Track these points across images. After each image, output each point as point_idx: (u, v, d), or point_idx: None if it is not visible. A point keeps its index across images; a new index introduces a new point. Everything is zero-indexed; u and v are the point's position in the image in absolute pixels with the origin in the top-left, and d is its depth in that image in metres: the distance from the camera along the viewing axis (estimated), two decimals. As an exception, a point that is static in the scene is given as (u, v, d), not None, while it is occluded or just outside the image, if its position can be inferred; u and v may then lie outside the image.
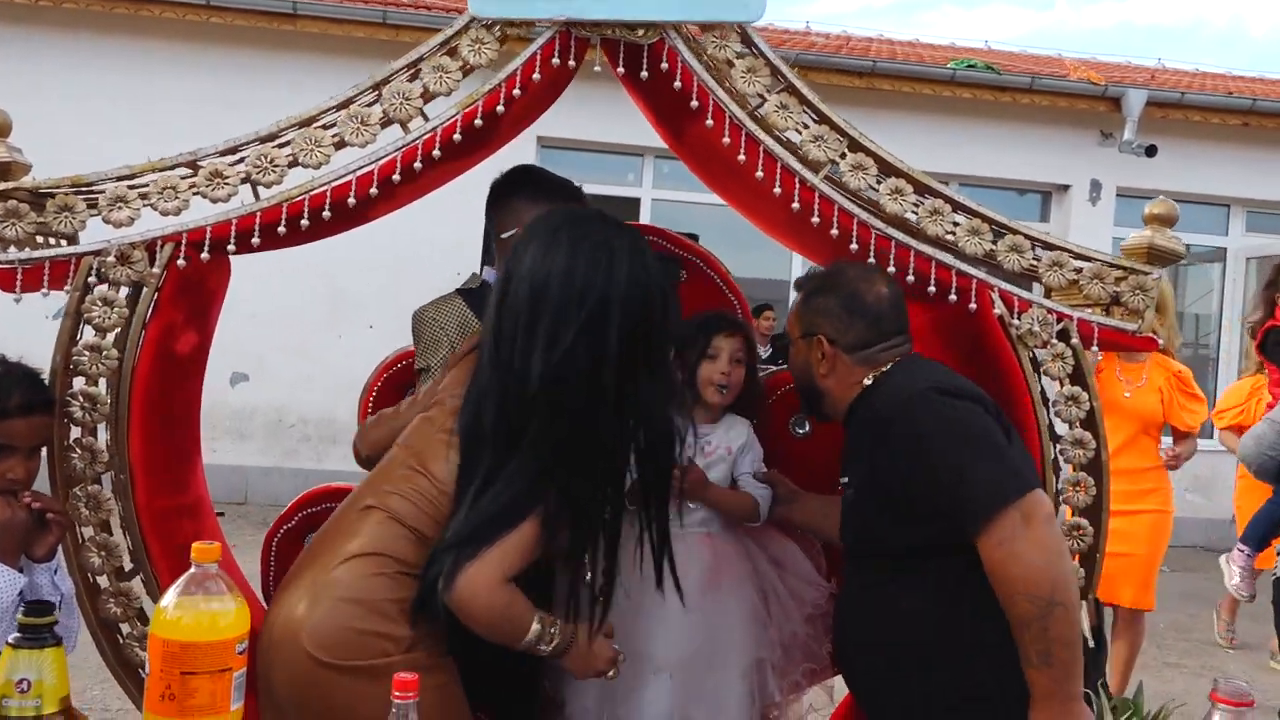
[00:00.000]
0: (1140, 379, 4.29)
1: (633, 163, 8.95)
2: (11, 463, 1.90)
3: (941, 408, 1.84)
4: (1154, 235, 2.12)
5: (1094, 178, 9.20)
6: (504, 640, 1.78)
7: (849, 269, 2.07)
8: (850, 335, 2.01)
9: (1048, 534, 1.70)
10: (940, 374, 1.96)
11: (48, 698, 1.01)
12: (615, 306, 1.73)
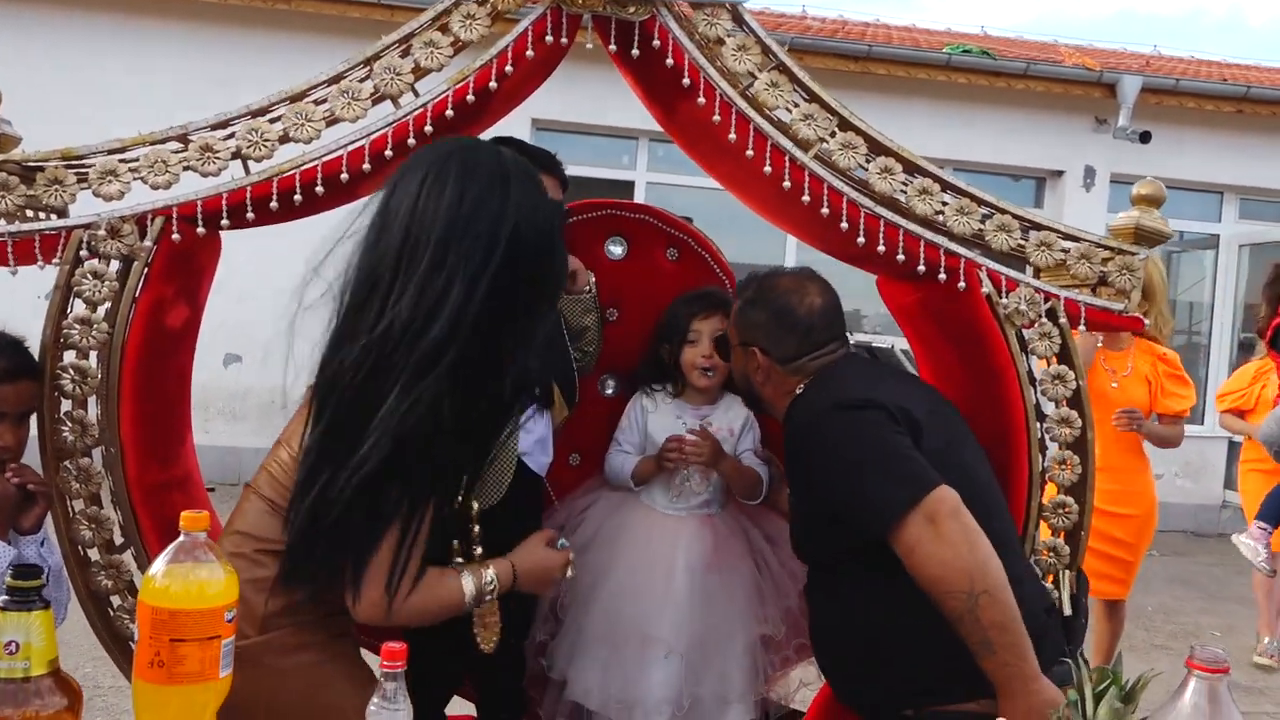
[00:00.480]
0: (1126, 368, 4.15)
1: (627, 145, 8.93)
2: (0, 429, 1.90)
3: (835, 426, 1.86)
4: (1141, 216, 2.13)
5: (1088, 164, 9.20)
6: (448, 616, 1.71)
7: (782, 279, 2.11)
8: (782, 348, 2.05)
9: (954, 528, 1.69)
10: (847, 385, 1.96)
11: (36, 660, 1.02)
12: (505, 245, 1.52)
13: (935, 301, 2.25)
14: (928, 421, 1.87)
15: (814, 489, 1.93)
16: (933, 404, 1.98)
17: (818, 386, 2.01)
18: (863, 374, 2.03)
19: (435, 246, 1.50)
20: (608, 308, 2.62)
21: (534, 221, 1.56)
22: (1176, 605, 6.39)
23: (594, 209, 2.60)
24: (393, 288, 1.51)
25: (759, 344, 2.07)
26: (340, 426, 1.53)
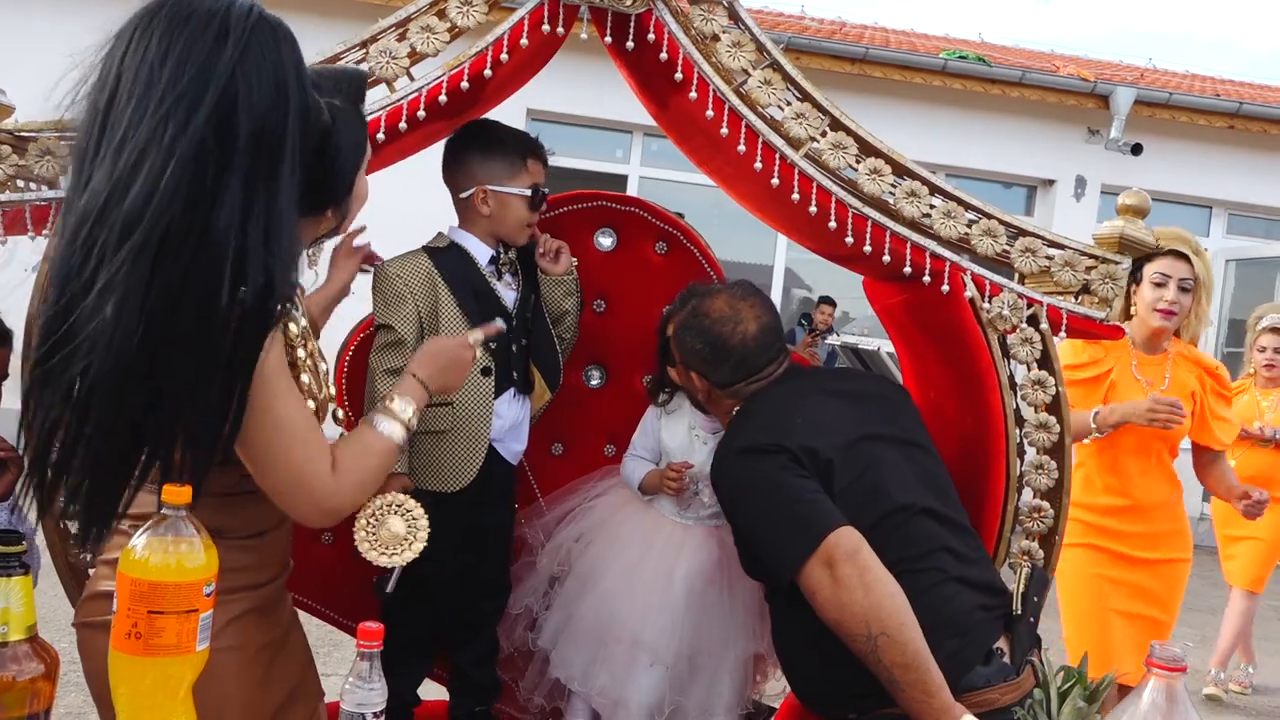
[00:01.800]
0: (1163, 379, 3.31)
1: (621, 139, 8.94)
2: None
3: (739, 472, 1.92)
4: (1125, 225, 2.15)
5: (1079, 173, 9.26)
6: (388, 470, 1.58)
7: (716, 302, 2.11)
8: (718, 375, 2.10)
9: (850, 572, 1.71)
10: (761, 424, 1.96)
11: (14, 625, 1.03)
12: (214, 102, 1.25)
13: (919, 304, 2.26)
14: (842, 459, 1.88)
15: (733, 525, 2.00)
16: (863, 428, 1.97)
17: (740, 419, 2.06)
18: (787, 403, 2.01)
19: (135, 105, 1.25)
20: (595, 299, 2.63)
21: (258, 76, 1.30)
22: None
23: (584, 200, 2.61)
24: (96, 157, 1.26)
25: (695, 369, 2.12)
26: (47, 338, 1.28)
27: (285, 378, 1.46)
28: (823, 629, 1.78)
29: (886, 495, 1.89)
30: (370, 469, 1.55)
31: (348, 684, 1.46)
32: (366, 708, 1.44)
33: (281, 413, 1.43)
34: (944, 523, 1.95)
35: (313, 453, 1.47)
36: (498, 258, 2.33)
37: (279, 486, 1.47)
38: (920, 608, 1.74)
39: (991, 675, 1.79)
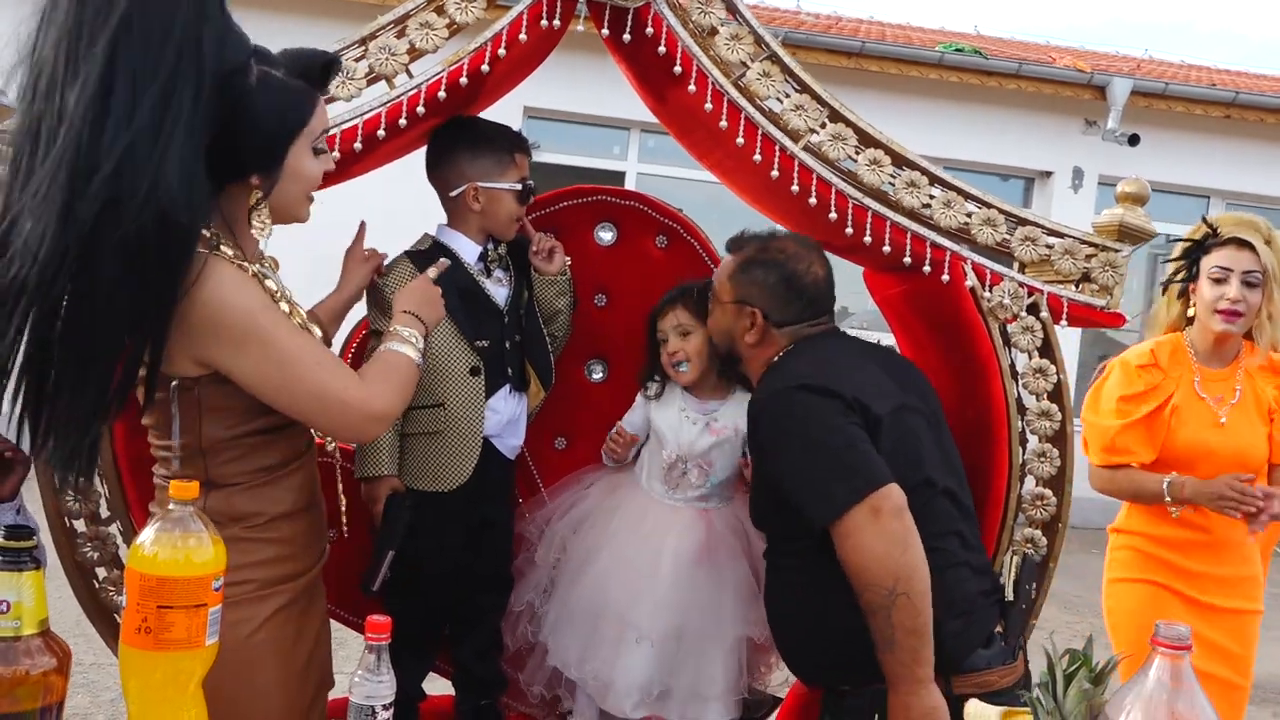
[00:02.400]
0: (1233, 394, 2.76)
1: (619, 136, 8.95)
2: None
3: (793, 408, 1.86)
4: (1125, 213, 2.16)
5: (1076, 165, 9.26)
6: (413, 381, 1.69)
7: (789, 243, 2.07)
8: (785, 313, 2.03)
9: (894, 527, 1.73)
10: (819, 367, 1.94)
11: (27, 619, 1.04)
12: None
13: (920, 294, 2.27)
14: (890, 421, 1.88)
15: (766, 462, 1.96)
16: (904, 398, 1.96)
17: (794, 357, 2.00)
18: (839, 356, 2.00)
19: (55, 41, 1.36)
20: (596, 293, 2.64)
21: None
22: (1153, 604, 6.43)
23: (584, 195, 2.61)
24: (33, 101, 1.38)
25: (759, 305, 2.02)
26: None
27: (274, 315, 1.52)
28: (828, 592, 1.79)
29: (920, 468, 1.89)
30: (399, 380, 1.65)
31: (357, 677, 1.47)
32: (376, 700, 1.44)
33: (284, 346, 1.51)
34: (959, 506, 1.96)
35: (333, 370, 1.56)
36: (485, 254, 2.33)
37: (313, 411, 1.55)
38: (933, 585, 1.75)
39: (992, 658, 1.84)
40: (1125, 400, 2.75)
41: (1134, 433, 2.74)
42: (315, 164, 1.62)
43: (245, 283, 1.51)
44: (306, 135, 1.58)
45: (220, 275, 1.48)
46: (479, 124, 2.32)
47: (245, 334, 1.49)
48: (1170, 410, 2.74)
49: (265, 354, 1.50)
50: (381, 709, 1.46)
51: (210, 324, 1.48)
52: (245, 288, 1.51)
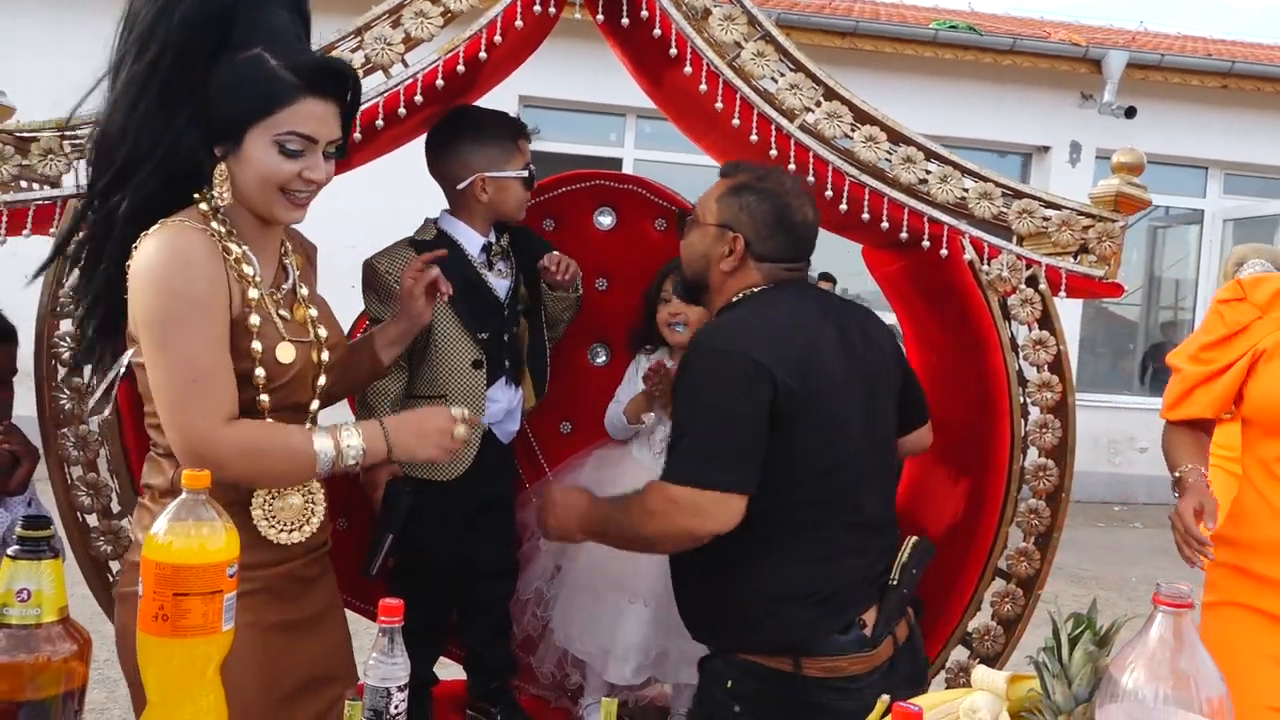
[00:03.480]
0: None
1: (615, 123, 8.94)
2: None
3: (702, 367, 1.84)
4: (1121, 184, 2.17)
5: (1074, 139, 9.25)
6: (294, 474, 1.61)
7: (786, 178, 1.99)
8: (767, 246, 1.94)
9: (698, 533, 1.77)
10: (759, 326, 1.86)
11: (47, 607, 1.06)
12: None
13: (918, 269, 2.28)
14: (816, 396, 1.81)
15: (674, 405, 1.95)
16: (848, 369, 1.88)
17: (745, 307, 1.93)
18: (792, 315, 1.90)
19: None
20: (597, 278, 2.65)
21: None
22: (1160, 575, 6.46)
23: (583, 180, 2.62)
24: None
25: (743, 231, 1.93)
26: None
27: (200, 315, 1.53)
28: (708, 553, 1.81)
29: (830, 452, 1.84)
30: (271, 455, 1.57)
31: (371, 660, 1.49)
32: (390, 682, 1.46)
33: (177, 344, 1.51)
34: (872, 494, 1.92)
35: (202, 393, 1.52)
36: (489, 246, 2.33)
37: (161, 410, 1.54)
38: (801, 571, 1.81)
39: (846, 645, 1.81)
40: (1206, 348, 2.22)
41: (1205, 391, 2.21)
42: (274, 160, 1.58)
43: (172, 253, 1.52)
44: (267, 125, 1.56)
45: (154, 242, 1.53)
46: (479, 114, 2.32)
47: (145, 311, 1.52)
48: (1258, 356, 2.12)
49: (150, 337, 1.52)
50: (396, 690, 1.48)
51: (131, 287, 1.54)
52: (160, 261, 1.52)
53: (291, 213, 1.64)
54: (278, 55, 1.57)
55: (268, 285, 1.67)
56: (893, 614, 1.87)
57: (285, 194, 1.61)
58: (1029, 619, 2.28)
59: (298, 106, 1.57)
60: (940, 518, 2.43)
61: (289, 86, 1.56)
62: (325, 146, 1.62)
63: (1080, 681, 1.26)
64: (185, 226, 1.55)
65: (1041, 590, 2.26)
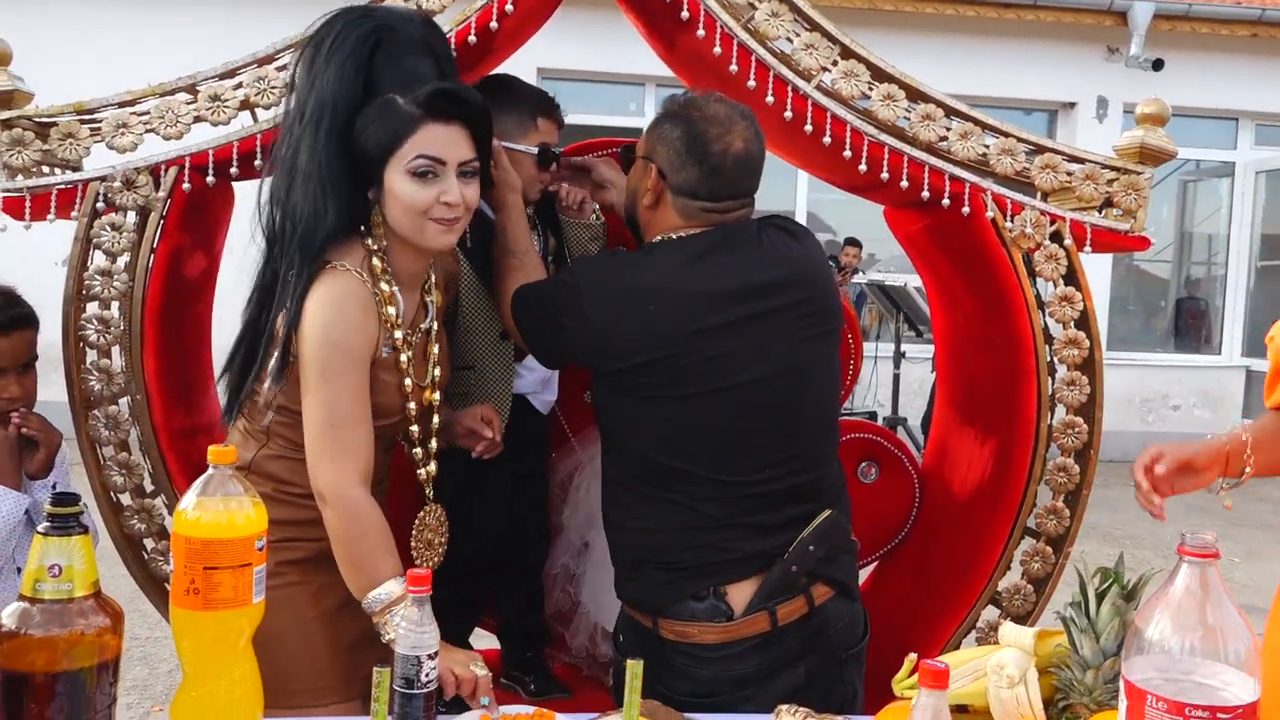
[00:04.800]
0: None
1: (634, 92, 8.90)
2: (4, 382, 1.93)
3: (559, 293, 1.88)
4: (1146, 135, 2.13)
5: (1100, 94, 9.11)
6: (350, 574, 1.69)
7: (716, 106, 1.83)
8: (680, 177, 1.81)
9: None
10: (618, 299, 1.79)
11: (79, 582, 1.07)
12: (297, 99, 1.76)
13: (941, 228, 2.26)
14: (676, 368, 1.75)
15: None
16: (729, 316, 1.76)
17: (628, 259, 1.89)
18: (650, 286, 1.79)
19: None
20: (618, 246, 2.64)
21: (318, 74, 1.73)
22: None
23: (604, 148, 2.61)
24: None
25: (659, 162, 1.83)
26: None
27: (349, 368, 1.68)
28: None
29: (708, 425, 1.78)
30: (360, 546, 1.69)
31: (401, 629, 1.51)
32: (421, 650, 1.48)
33: (326, 388, 1.67)
34: (768, 467, 1.80)
35: (338, 438, 1.67)
36: None
37: (306, 442, 1.68)
38: (660, 538, 1.81)
39: (698, 612, 1.78)
40: None
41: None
42: (410, 187, 1.69)
43: (337, 309, 1.67)
44: (399, 157, 1.69)
45: (319, 292, 1.68)
46: (509, 83, 2.28)
47: (309, 352, 1.67)
48: None
49: (307, 377, 1.68)
50: (426, 659, 1.50)
51: (301, 325, 1.68)
52: (326, 311, 1.67)
53: (442, 238, 1.74)
54: (404, 94, 1.69)
55: (408, 325, 1.80)
56: (774, 590, 1.77)
57: (433, 220, 1.71)
58: (1059, 577, 2.27)
59: (421, 134, 1.69)
60: (968, 478, 2.42)
61: (411, 118, 1.69)
62: (459, 168, 1.71)
63: (1108, 635, 1.26)
64: (348, 275, 1.70)
65: (1071, 548, 2.25)
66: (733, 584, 1.78)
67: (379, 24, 1.76)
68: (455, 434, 2.08)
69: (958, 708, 1.25)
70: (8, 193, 1.96)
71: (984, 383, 2.38)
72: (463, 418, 2.06)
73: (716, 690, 1.76)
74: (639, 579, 1.86)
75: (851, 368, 2.53)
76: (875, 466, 2.58)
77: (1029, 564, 2.26)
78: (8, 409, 1.93)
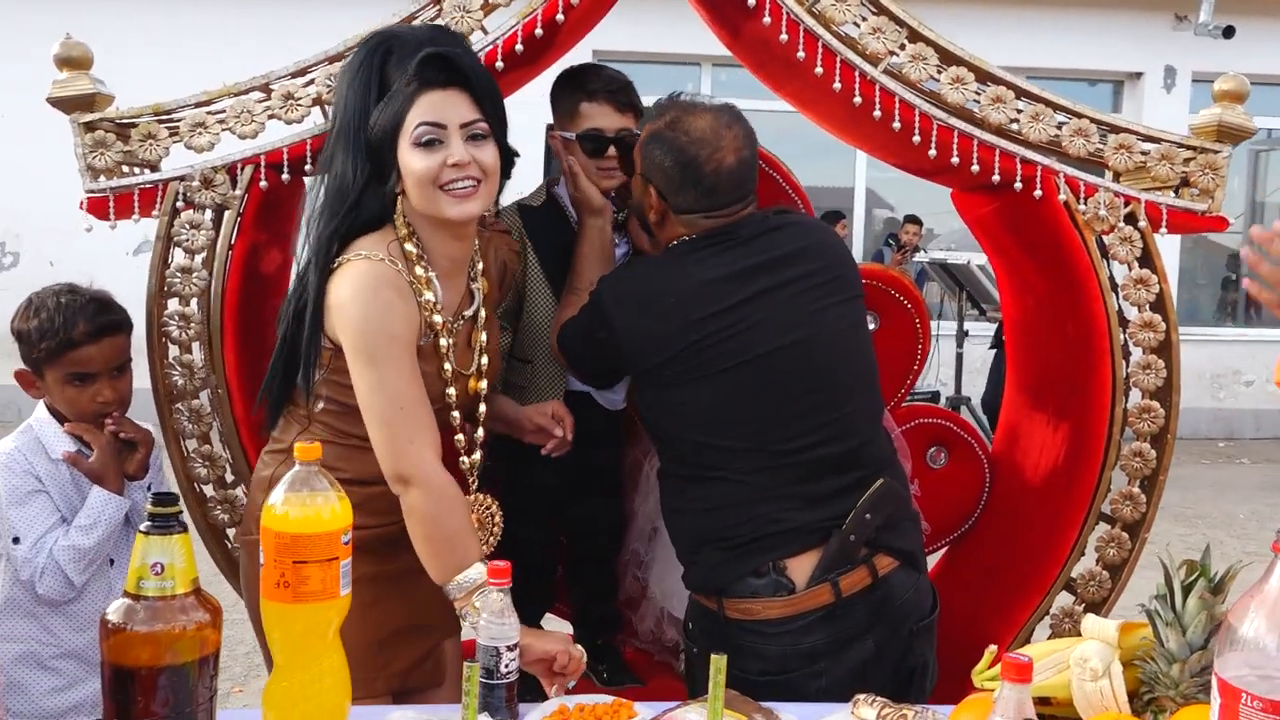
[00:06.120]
0: None
1: (691, 72, 8.86)
2: (98, 387, 1.99)
3: (590, 314, 1.97)
4: (1223, 112, 2.08)
5: (1168, 63, 8.89)
6: (433, 560, 1.70)
7: (698, 120, 1.88)
8: (681, 200, 1.89)
9: None
10: (645, 292, 1.89)
11: (179, 579, 1.11)
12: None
13: (1011, 211, 2.23)
14: (705, 353, 1.82)
15: None
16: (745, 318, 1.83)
17: (647, 264, 2.04)
18: (687, 279, 1.87)
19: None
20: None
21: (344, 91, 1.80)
22: (1270, 512, 6.31)
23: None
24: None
25: (655, 184, 1.91)
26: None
27: (397, 350, 1.68)
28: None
29: (743, 403, 1.83)
30: (446, 523, 1.70)
31: (482, 620, 1.54)
32: (500, 641, 1.51)
33: (383, 376, 1.67)
34: (811, 435, 1.84)
35: (410, 419, 1.68)
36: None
37: (372, 431, 1.69)
38: (713, 518, 1.85)
39: (760, 588, 1.81)
40: None
41: None
42: (418, 159, 1.70)
43: (369, 295, 1.68)
44: (404, 134, 1.71)
45: (342, 279, 1.70)
46: (567, 71, 2.26)
47: (353, 342, 1.69)
48: None
49: (357, 367, 1.69)
50: (506, 649, 1.53)
51: (335, 313, 1.71)
52: (360, 300, 1.68)
53: (458, 206, 1.73)
54: (402, 79, 1.72)
55: (450, 312, 1.80)
56: (834, 561, 1.80)
57: (444, 190, 1.71)
58: (1135, 563, 2.24)
59: (419, 104, 1.71)
60: (1040, 463, 2.39)
61: (405, 95, 1.71)
62: (464, 130, 1.72)
63: (1195, 629, 1.25)
64: (378, 263, 1.70)
65: (1148, 534, 2.22)
66: (792, 558, 1.82)
67: (387, 35, 1.81)
68: (524, 429, 2.10)
69: (1040, 700, 1.24)
70: (92, 193, 2.01)
71: (1056, 367, 2.35)
72: (533, 414, 2.08)
73: (787, 666, 1.79)
74: (700, 562, 1.89)
75: (920, 351, 2.52)
76: (945, 451, 2.56)
77: (1104, 550, 2.24)
78: (102, 412, 1.99)
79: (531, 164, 2.37)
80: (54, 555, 1.91)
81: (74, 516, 1.96)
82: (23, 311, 1.98)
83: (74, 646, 1.99)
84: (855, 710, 1.52)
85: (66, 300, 1.97)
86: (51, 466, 1.98)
